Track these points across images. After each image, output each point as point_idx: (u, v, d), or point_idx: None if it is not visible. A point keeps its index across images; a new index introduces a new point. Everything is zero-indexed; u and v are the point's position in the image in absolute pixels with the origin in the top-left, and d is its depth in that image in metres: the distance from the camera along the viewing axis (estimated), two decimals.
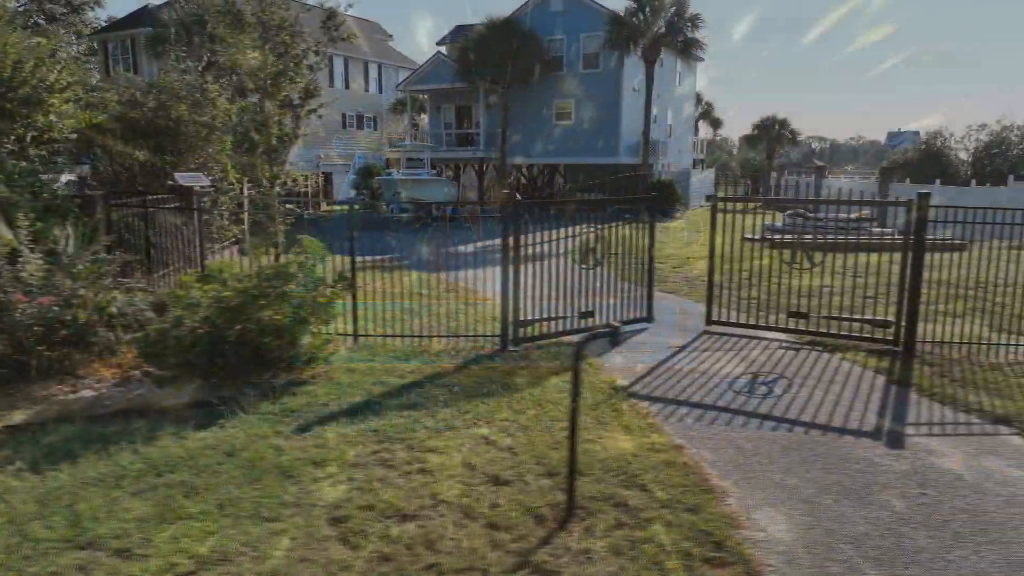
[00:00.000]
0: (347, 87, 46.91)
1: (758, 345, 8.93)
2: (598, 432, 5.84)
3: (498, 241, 8.57)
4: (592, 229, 9.36)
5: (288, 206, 10.87)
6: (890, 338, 8.64)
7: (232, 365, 6.86)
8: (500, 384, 7.06)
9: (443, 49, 35.62)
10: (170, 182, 10.95)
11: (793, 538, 4.23)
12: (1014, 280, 9.57)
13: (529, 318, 8.74)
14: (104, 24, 40.56)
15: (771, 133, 43.43)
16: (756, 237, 12.41)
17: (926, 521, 4.44)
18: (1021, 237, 8.59)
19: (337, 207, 32.96)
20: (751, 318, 9.70)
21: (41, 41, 10.62)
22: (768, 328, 9.47)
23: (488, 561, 3.89)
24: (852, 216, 20.81)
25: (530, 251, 8.73)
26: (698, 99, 52.71)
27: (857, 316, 9.11)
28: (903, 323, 8.52)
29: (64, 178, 12.87)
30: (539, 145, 33.52)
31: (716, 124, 54.37)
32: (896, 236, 15.03)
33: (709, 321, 9.89)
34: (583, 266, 9.14)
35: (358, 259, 11.85)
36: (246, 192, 13.03)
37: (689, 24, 27.88)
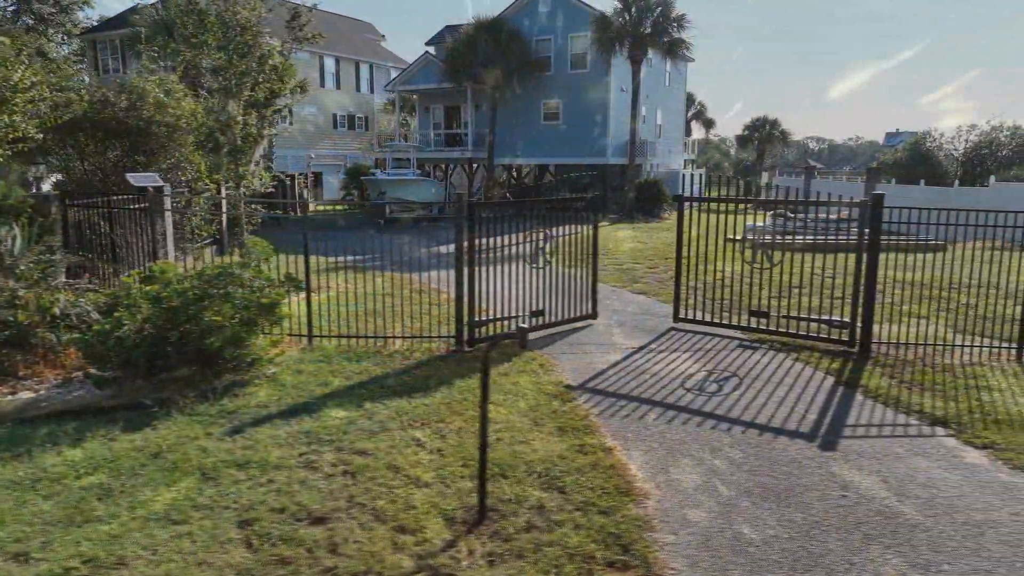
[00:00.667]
0: (338, 87, 46.87)
1: (717, 344, 8.92)
2: (532, 433, 5.82)
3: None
4: (541, 229, 9.34)
5: (254, 206, 10.80)
6: (846, 339, 8.63)
7: (174, 366, 6.84)
8: (445, 386, 7.03)
9: (431, 49, 35.58)
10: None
11: (702, 541, 4.21)
12: (987, 281, 9.59)
13: (484, 318, 8.72)
14: (95, 24, 40.51)
15: (762, 133, 43.42)
16: (738, 238, 12.39)
17: (840, 523, 4.42)
18: (996, 237, 8.56)
19: (323, 207, 32.96)
20: (717, 317, 9.75)
21: (4, 41, 10.58)
22: (732, 327, 9.50)
23: (386, 564, 3.87)
24: (833, 217, 20.84)
25: (488, 252, 8.72)
26: (691, 100, 52.77)
27: (815, 316, 9.10)
28: (859, 324, 8.51)
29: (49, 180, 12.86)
30: (527, 145, 33.48)
31: (709, 124, 54.39)
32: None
33: (676, 319, 10.00)
34: (533, 266, 9.15)
35: (331, 260, 11.90)
36: (223, 192, 13.03)
37: (675, 24, 27.85)
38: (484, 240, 8.59)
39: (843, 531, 4.32)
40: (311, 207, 32.10)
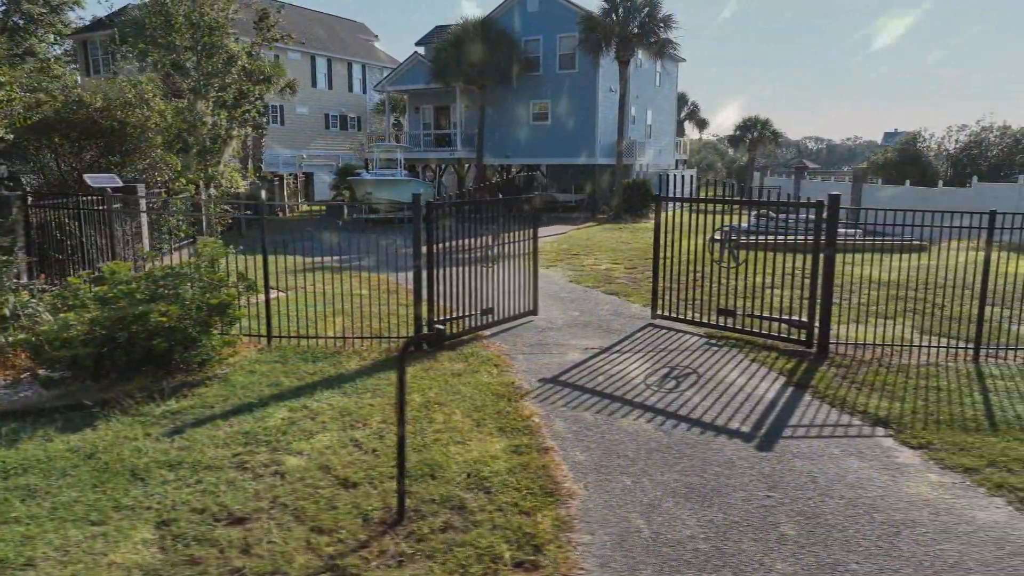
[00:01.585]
0: (330, 87, 46.89)
1: (680, 343, 8.95)
2: (472, 434, 5.83)
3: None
4: (491, 230, 9.37)
5: (224, 207, 10.81)
6: (804, 339, 8.64)
7: (122, 367, 6.85)
8: (395, 387, 7.03)
9: (420, 50, 35.59)
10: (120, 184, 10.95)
11: (618, 541, 4.22)
12: (961, 281, 9.59)
13: (443, 318, 8.74)
14: (86, 24, 40.52)
15: (753, 134, 43.44)
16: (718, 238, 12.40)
17: (760, 523, 4.43)
18: (973, 237, 8.56)
19: (312, 207, 32.96)
20: (692, 315, 9.84)
21: None
22: (705, 325, 9.61)
23: (295, 565, 3.88)
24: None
25: (446, 252, 8.74)
26: (684, 100, 52.80)
27: (776, 316, 9.12)
28: (816, 324, 8.53)
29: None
30: (517, 146, 33.51)
31: (703, 125, 54.42)
32: (858, 237, 15.04)
33: (654, 315, 10.23)
34: (484, 265, 9.23)
35: (310, 260, 11.92)
36: (204, 194, 13.03)
37: (662, 25, 27.86)
38: (441, 240, 8.62)
39: (760, 531, 4.33)
40: (299, 207, 32.09)
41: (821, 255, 8.42)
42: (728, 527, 4.38)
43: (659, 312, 10.19)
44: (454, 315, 8.83)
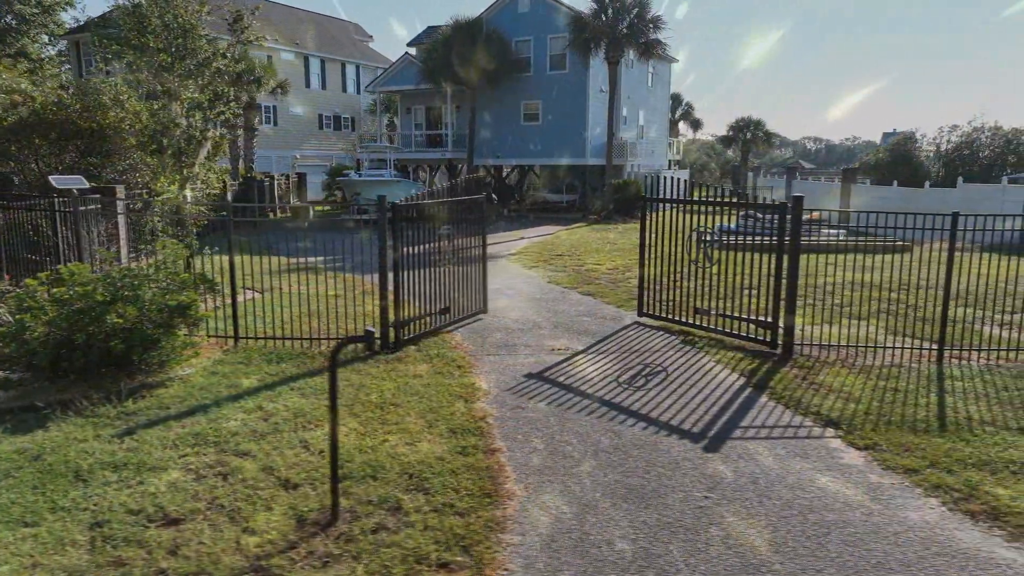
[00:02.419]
0: (324, 88, 46.95)
1: (650, 343, 8.99)
2: (422, 435, 5.85)
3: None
4: (446, 230, 9.39)
5: (201, 209, 10.84)
6: (767, 339, 8.67)
7: (81, 368, 6.87)
8: (354, 387, 7.07)
9: (412, 50, 35.61)
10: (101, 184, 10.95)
11: (547, 542, 4.24)
12: (935, 282, 9.59)
13: (406, 318, 8.78)
14: (79, 24, 40.53)
15: (746, 134, 43.47)
16: (716, 239, 12.40)
17: (692, 524, 4.45)
18: (958, 239, 8.57)
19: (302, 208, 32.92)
20: (672, 314, 9.92)
21: None
22: (682, 324, 9.71)
23: (220, 565, 3.90)
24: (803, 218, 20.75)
25: (410, 252, 8.78)
26: (678, 101, 52.83)
27: (744, 316, 9.14)
28: (780, 325, 8.55)
29: None
30: (508, 146, 33.53)
31: (697, 125, 54.42)
32: (841, 238, 15.04)
33: (640, 314, 10.38)
34: (440, 265, 9.29)
35: (294, 260, 11.94)
36: (189, 196, 13.05)
37: (651, 26, 27.88)
38: (408, 242, 8.65)
39: (692, 532, 4.36)
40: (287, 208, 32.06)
41: (785, 257, 8.43)
42: (660, 528, 4.40)
43: (646, 311, 10.31)
44: (414, 315, 8.90)
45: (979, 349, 8.55)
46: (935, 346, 8.45)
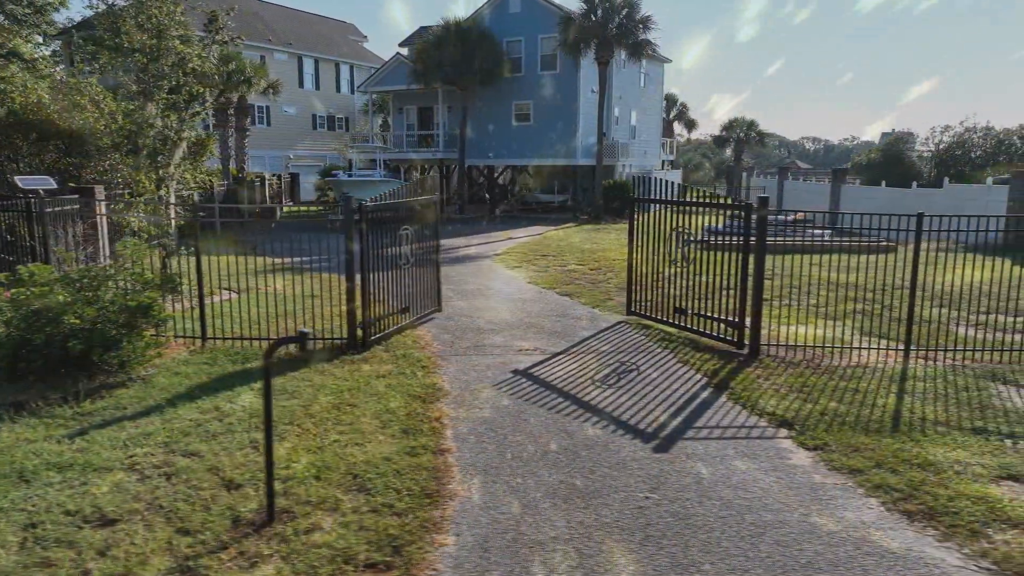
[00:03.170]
0: (317, 88, 46.95)
1: (623, 342, 9.01)
2: (375, 435, 5.85)
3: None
4: (406, 230, 9.40)
5: (177, 209, 10.85)
6: (735, 339, 8.68)
7: (40, 369, 6.87)
8: (315, 388, 7.07)
9: (403, 50, 35.61)
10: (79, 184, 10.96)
11: (480, 542, 4.25)
12: (913, 284, 9.59)
13: (373, 317, 8.80)
14: (72, 24, 40.49)
15: (738, 134, 43.49)
16: (695, 239, 12.39)
17: (630, 525, 4.46)
18: (941, 239, 8.59)
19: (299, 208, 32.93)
20: (655, 313, 10.00)
21: None
22: (664, 323, 9.80)
23: (147, 567, 3.90)
24: (789, 219, 20.90)
25: (376, 252, 8.79)
26: (673, 101, 52.83)
27: (717, 316, 9.13)
28: (747, 326, 8.56)
29: None
30: (499, 146, 33.56)
31: (692, 125, 54.42)
32: (828, 239, 15.05)
33: (629, 312, 10.55)
34: (401, 263, 9.33)
35: (275, 260, 11.94)
36: (173, 197, 13.05)
37: (640, 26, 27.90)
38: (375, 243, 8.67)
39: (627, 532, 4.36)
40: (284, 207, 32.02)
41: (751, 257, 8.43)
42: (596, 529, 4.41)
43: (634, 310, 10.42)
44: (381, 314, 8.93)
45: (945, 349, 8.56)
46: (901, 346, 8.47)
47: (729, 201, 10.58)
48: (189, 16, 10.96)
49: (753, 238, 8.37)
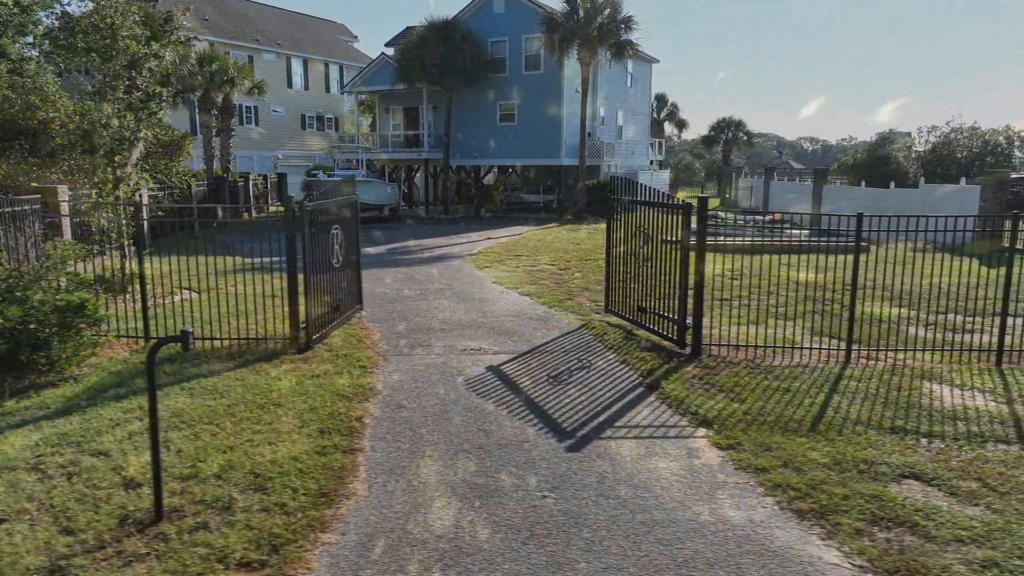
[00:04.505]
0: (306, 88, 46.98)
1: (572, 342, 8.99)
2: (291, 435, 5.85)
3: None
4: (335, 229, 9.39)
5: (129, 208, 10.85)
6: (675, 338, 8.68)
7: None
8: (244, 388, 7.06)
9: (390, 51, 35.60)
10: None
11: (364, 542, 4.24)
12: (854, 284, 9.59)
13: (316, 317, 8.81)
14: (56, 26, 40.48)
15: (727, 135, 43.50)
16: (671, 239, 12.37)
17: (519, 525, 4.45)
18: (917, 239, 8.58)
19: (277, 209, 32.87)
20: (626, 312, 10.05)
21: None
22: (630, 321, 9.85)
23: (17, 567, 3.89)
24: (766, 219, 20.91)
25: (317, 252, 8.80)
26: (663, 101, 52.80)
27: (667, 315, 9.10)
28: (688, 325, 8.55)
29: None
30: (484, 146, 33.55)
31: (682, 125, 54.32)
32: (802, 239, 15.07)
33: (606, 310, 10.67)
34: (333, 262, 9.34)
35: (244, 260, 11.94)
36: (146, 197, 13.03)
37: (623, 26, 27.90)
38: (318, 244, 8.67)
39: (512, 531, 4.35)
40: (267, 208, 31.97)
41: (691, 255, 8.42)
42: (483, 527, 4.40)
43: (611, 309, 10.50)
44: (323, 313, 8.94)
45: (887, 349, 8.56)
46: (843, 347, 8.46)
47: (718, 202, 10.60)
48: (144, 15, 10.94)
49: (693, 238, 8.36)
